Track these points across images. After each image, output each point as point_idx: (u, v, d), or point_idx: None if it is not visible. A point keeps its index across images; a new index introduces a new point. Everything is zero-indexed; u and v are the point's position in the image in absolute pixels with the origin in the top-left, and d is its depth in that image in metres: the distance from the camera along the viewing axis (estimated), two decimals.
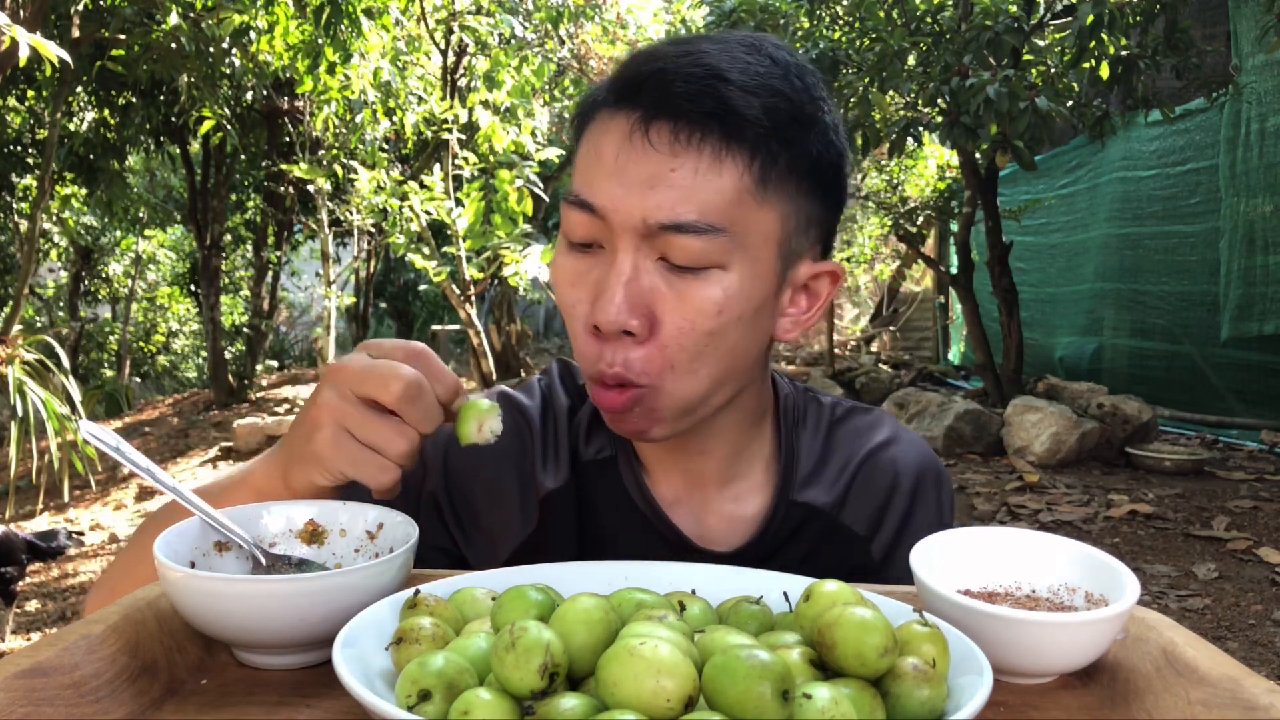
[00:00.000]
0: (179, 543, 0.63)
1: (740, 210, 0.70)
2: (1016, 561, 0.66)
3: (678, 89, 0.69)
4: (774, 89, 0.71)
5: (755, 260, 0.72)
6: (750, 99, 0.69)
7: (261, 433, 6.77)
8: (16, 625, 3.87)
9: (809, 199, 0.75)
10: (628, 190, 0.70)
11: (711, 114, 0.69)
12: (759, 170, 0.71)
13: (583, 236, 0.73)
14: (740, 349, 0.74)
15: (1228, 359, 5.95)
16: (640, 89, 0.71)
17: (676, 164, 0.69)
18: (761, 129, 0.70)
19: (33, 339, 5.52)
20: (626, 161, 0.70)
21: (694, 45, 0.73)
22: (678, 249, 0.69)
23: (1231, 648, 2.93)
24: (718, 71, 0.70)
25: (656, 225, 0.69)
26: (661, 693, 0.43)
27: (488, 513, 0.88)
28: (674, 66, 0.71)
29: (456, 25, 6.88)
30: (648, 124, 0.70)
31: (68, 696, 0.51)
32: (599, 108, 0.75)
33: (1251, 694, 0.51)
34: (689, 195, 0.69)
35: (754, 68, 0.71)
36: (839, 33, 5.75)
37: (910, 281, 11.35)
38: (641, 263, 0.71)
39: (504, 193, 6.18)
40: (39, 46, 3.14)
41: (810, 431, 0.91)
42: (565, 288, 0.75)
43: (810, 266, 0.77)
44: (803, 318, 0.79)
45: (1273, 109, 5.31)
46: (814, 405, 0.93)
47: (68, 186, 8.99)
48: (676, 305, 0.71)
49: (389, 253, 10.24)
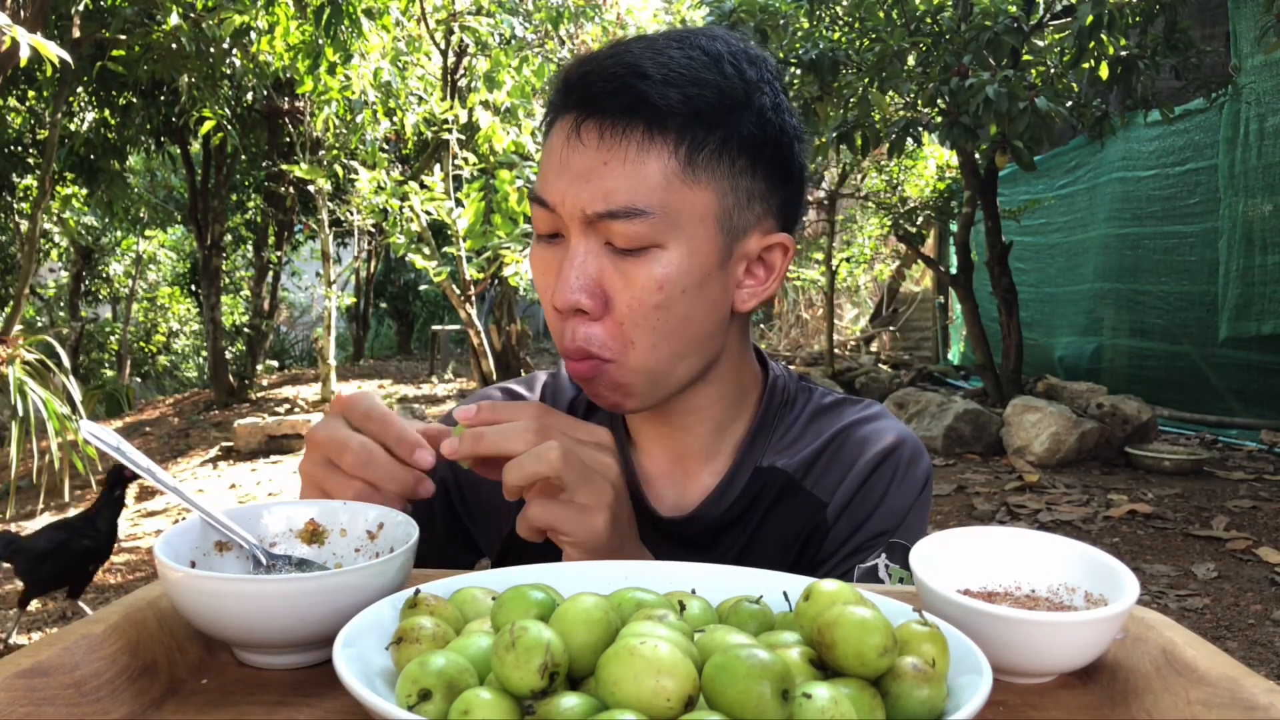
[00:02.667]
0: (179, 542, 0.64)
1: (669, 193, 0.76)
2: (1016, 561, 0.66)
3: (599, 89, 0.77)
4: (695, 78, 0.76)
5: (692, 237, 0.77)
6: (668, 90, 0.75)
7: (262, 433, 6.77)
8: (17, 625, 3.87)
9: (748, 176, 0.80)
10: (569, 185, 0.77)
11: (631, 109, 0.76)
12: (685, 155, 0.76)
13: (545, 229, 0.81)
14: (693, 320, 0.80)
15: (1227, 359, 5.95)
16: (572, 91, 0.79)
17: (608, 157, 0.76)
18: (682, 117, 0.76)
19: (33, 339, 5.53)
20: (568, 159, 0.78)
21: (622, 45, 0.80)
22: (617, 233, 0.76)
23: (1231, 647, 2.93)
24: (637, 69, 0.76)
25: (594, 214, 0.76)
26: (661, 692, 0.44)
27: (492, 493, 0.92)
28: (598, 68, 0.78)
29: (456, 25, 6.88)
30: (580, 123, 0.77)
31: (68, 696, 0.51)
32: (555, 113, 0.82)
33: (1251, 694, 0.51)
34: (618, 185, 0.75)
35: (677, 61, 0.77)
36: (839, 33, 5.75)
37: (910, 281, 11.35)
38: (590, 247, 0.77)
39: (504, 193, 6.19)
40: (39, 47, 3.14)
41: (794, 413, 0.94)
42: (538, 276, 0.83)
43: (760, 239, 0.82)
44: (759, 289, 0.84)
45: (1272, 109, 5.31)
46: (805, 393, 0.97)
47: (68, 186, 9.00)
48: (623, 284, 0.77)
49: (389, 253, 10.25)
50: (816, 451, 0.90)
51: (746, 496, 0.89)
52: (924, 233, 8.32)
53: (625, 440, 0.93)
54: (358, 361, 12.72)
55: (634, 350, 0.79)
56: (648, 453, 0.92)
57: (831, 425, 0.92)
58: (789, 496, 0.89)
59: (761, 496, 0.89)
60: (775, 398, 0.93)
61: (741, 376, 0.91)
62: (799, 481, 0.89)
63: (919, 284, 11.20)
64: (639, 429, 0.93)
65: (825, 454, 0.90)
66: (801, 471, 0.90)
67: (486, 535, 0.96)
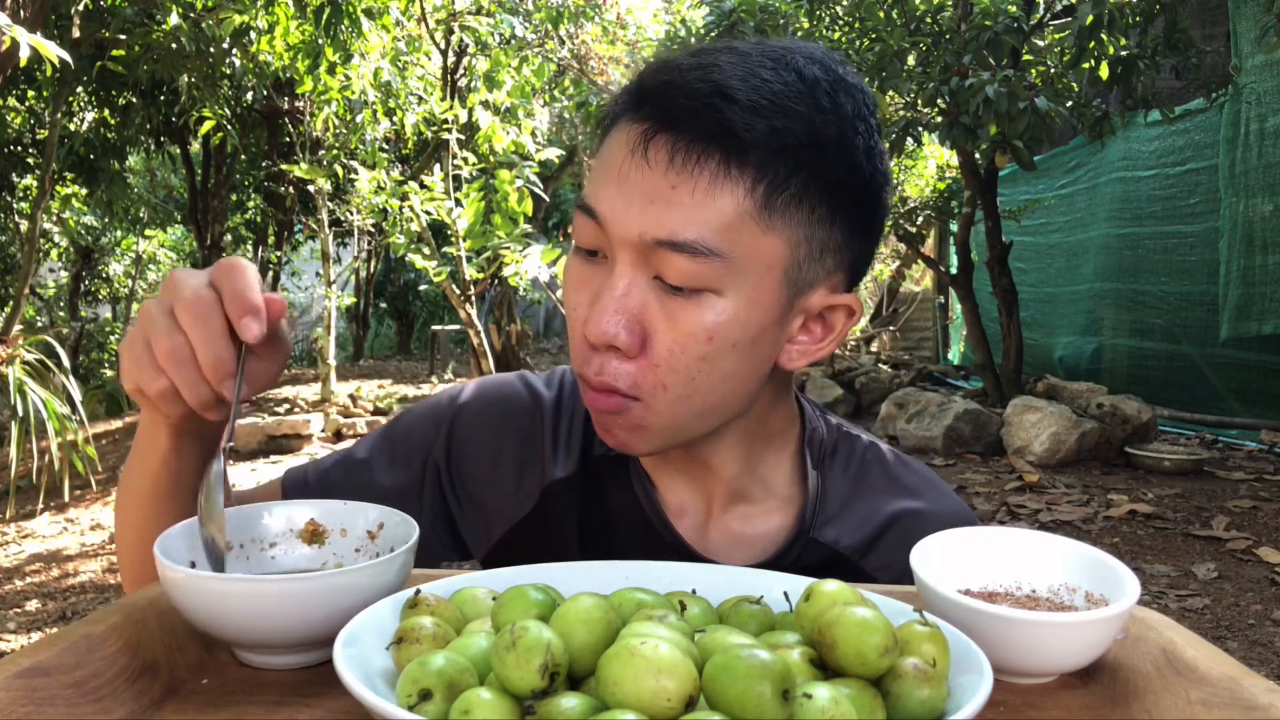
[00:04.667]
0: (179, 542, 0.64)
1: (741, 235, 0.68)
2: (1016, 561, 0.66)
3: (679, 105, 0.68)
4: (787, 109, 0.68)
5: (755, 288, 0.70)
6: (754, 120, 0.67)
7: (262, 433, 6.77)
8: (17, 625, 3.87)
9: (825, 226, 0.72)
10: (628, 202, 0.69)
11: (711, 134, 0.67)
12: (763, 195, 0.68)
13: (588, 243, 0.73)
14: (737, 377, 0.72)
15: (1227, 359, 5.95)
16: (646, 101, 0.71)
17: (677, 182, 0.68)
18: (766, 151, 0.68)
19: (33, 339, 5.53)
20: (629, 174, 0.70)
21: (709, 57, 0.71)
22: (672, 268, 0.68)
23: (1231, 647, 2.93)
24: (724, 89, 0.67)
25: (652, 241, 0.68)
26: (662, 692, 0.44)
27: (482, 488, 0.88)
28: (680, 80, 0.69)
29: (456, 25, 6.89)
30: (649, 139, 0.69)
31: (68, 696, 0.51)
32: (619, 114, 0.74)
33: (1251, 694, 0.51)
34: (687, 215, 0.67)
35: (770, 85, 0.68)
36: (839, 33, 5.76)
37: (910, 281, 11.35)
38: (636, 278, 0.70)
39: (504, 193, 6.19)
40: (39, 47, 3.14)
41: (839, 469, 0.87)
42: (570, 291, 0.75)
43: (825, 296, 0.74)
44: (813, 348, 0.76)
45: (1272, 109, 5.31)
46: (846, 442, 0.89)
47: (68, 186, 9.00)
48: (668, 326, 0.69)
49: (389, 253, 10.24)
50: (875, 533, 0.84)
51: (798, 567, 0.81)
52: (924, 233, 8.32)
53: (645, 475, 0.86)
54: (358, 361, 12.73)
55: (664, 396, 0.71)
56: (666, 486, 0.86)
57: (890, 503, 0.85)
58: (844, 574, 0.84)
59: (816, 573, 0.84)
60: (815, 449, 0.86)
61: (775, 420, 0.84)
62: (856, 563, 0.83)
63: (919, 284, 11.21)
64: (653, 461, 0.86)
65: (888, 538, 0.83)
66: (859, 554, 0.83)
67: (473, 533, 0.91)
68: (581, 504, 0.87)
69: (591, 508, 0.87)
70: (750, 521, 0.85)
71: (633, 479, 0.86)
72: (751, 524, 0.85)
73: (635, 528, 0.85)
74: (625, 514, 0.86)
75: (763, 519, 0.85)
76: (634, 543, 0.85)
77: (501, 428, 0.90)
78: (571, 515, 0.87)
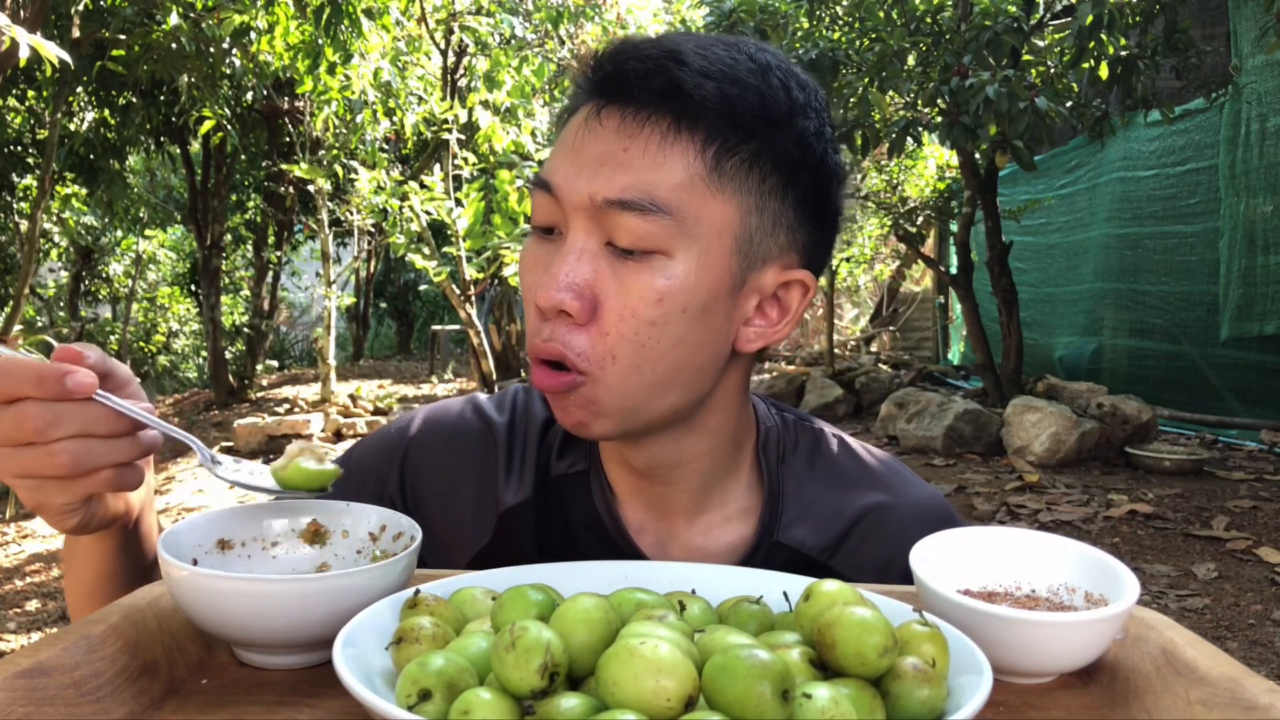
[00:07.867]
0: (181, 539, 0.64)
1: (690, 196, 0.69)
2: (1016, 561, 0.66)
3: (631, 68, 0.70)
4: (738, 79, 0.70)
5: (705, 251, 0.70)
6: (705, 82, 0.68)
7: (262, 433, 6.77)
8: (17, 625, 3.87)
9: (777, 199, 0.72)
10: (580, 169, 0.70)
11: (662, 94, 0.69)
12: (714, 157, 0.69)
13: (544, 219, 0.73)
14: (687, 346, 0.71)
15: (1227, 359, 5.95)
16: (599, 70, 0.72)
17: (628, 144, 0.69)
18: (716, 114, 0.69)
19: (33, 339, 5.53)
20: (582, 143, 0.71)
21: (665, 36, 0.74)
22: (623, 229, 0.68)
23: (1231, 647, 2.93)
24: (676, 53, 0.69)
25: (603, 201, 0.68)
26: (661, 692, 0.44)
27: (441, 521, 0.86)
28: (633, 50, 0.71)
29: (456, 25, 6.89)
30: (601, 106, 0.71)
31: (68, 696, 0.51)
32: (577, 96, 0.76)
33: (1251, 694, 0.51)
34: (636, 174, 0.68)
35: (722, 58, 0.70)
36: (839, 33, 5.75)
37: (910, 281, 11.36)
38: (588, 244, 0.70)
39: (504, 193, 6.19)
40: (39, 47, 3.14)
41: (801, 466, 0.86)
42: (525, 273, 0.75)
43: (779, 273, 0.74)
44: (769, 330, 0.76)
45: (1273, 109, 5.31)
46: (806, 437, 0.88)
47: (68, 186, 9.00)
48: (618, 290, 0.69)
49: (389, 253, 10.25)
50: (843, 531, 0.83)
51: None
52: (924, 233, 8.32)
53: (605, 482, 0.85)
54: (357, 361, 12.73)
55: (613, 366, 0.70)
56: (627, 502, 0.84)
57: (857, 498, 0.84)
58: (812, 574, 0.83)
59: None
60: (770, 450, 0.85)
61: (736, 427, 0.82)
62: (824, 563, 0.82)
63: (919, 284, 11.21)
64: (617, 477, 0.84)
65: (855, 533, 0.83)
66: (827, 553, 0.82)
67: (435, 565, 0.86)
68: (539, 527, 0.85)
69: (550, 529, 0.85)
70: (711, 535, 0.83)
71: (593, 493, 0.85)
72: (712, 537, 0.83)
73: (596, 545, 0.84)
74: (586, 531, 0.84)
75: (723, 530, 0.84)
76: (595, 558, 0.84)
77: (454, 460, 0.88)
78: (530, 540, 0.85)
